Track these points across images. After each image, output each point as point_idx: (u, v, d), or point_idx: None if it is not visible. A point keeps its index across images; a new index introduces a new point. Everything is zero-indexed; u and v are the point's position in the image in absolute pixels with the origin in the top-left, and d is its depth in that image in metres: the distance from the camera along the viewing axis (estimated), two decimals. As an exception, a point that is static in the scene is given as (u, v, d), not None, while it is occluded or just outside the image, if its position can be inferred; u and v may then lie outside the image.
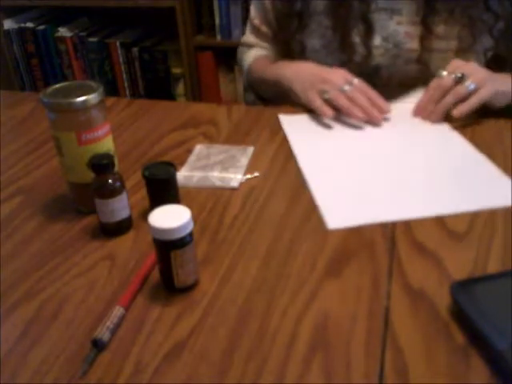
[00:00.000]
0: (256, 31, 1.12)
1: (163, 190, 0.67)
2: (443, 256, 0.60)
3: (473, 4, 0.88)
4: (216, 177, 0.76)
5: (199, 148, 0.85)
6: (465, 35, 0.90)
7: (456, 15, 0.89)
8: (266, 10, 1.06)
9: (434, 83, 0.86)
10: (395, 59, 0.95)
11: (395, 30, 0.90)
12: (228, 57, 2.03)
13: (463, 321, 0.51)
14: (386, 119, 0.89)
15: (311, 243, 0.63)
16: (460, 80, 0.83)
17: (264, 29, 1.10)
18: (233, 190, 0.74)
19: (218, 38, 2.10)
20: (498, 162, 0.76)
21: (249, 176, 0.75)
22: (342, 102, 0.87)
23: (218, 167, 0.78)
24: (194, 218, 0.55)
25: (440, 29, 0.90)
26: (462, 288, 0.52)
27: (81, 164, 0.66)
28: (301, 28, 0.98)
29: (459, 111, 0.83)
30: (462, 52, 0.91)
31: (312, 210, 0.69)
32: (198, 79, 2.21)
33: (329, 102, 0.88)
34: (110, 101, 1.06)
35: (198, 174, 0.77)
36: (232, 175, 0.76)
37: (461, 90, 0.83)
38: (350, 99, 0.87)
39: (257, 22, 1.10)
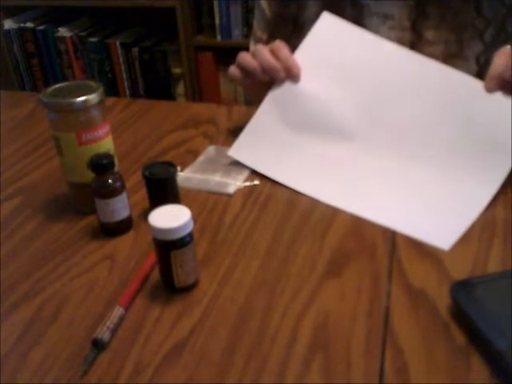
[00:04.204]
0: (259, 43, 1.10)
1: (163, 190, 0.67)
2: (443, 256, 0.60)
3: (464, 9, 0.88)
4: (215, 181, 0.75)
5: (210, 149, 0.84)
6: (452, 40, 0.89)
7: (447, 20, 0.88)
8: (266, 20, 1.06)
9: (504, 50, 0.70)
10: None
11: (388, 36, 0.90)
12: (228, 57, 2.03)
13: (463, 321, 0.51)
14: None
15: (311, 243, 0.63)
16: None
17: (265, 38, 1.09)
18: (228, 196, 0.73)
19: (218, 38, 2.10)
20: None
21: (248, 184, 0.75)
22: (243, 59, 0.81)
23: (221, 171, 0.77)
24: (194, 218, 0.55)
25: (430, 34, 0.90)
26: (462, 288, 0.52)
27: (81, 164, 0.66)
28: (296, 32, 0.98)
29: None
30: (451, 57, 0.90)
31: (312, 209, 0.69)
32: (197, 79, 2.21)
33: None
34: (110, 101, 1.06)
35: (199, 176, 0.77)
36: (231, 181, 0.75)
37: None
38: (253, 55, 0.81)
39: (259, 33, 1.09)
